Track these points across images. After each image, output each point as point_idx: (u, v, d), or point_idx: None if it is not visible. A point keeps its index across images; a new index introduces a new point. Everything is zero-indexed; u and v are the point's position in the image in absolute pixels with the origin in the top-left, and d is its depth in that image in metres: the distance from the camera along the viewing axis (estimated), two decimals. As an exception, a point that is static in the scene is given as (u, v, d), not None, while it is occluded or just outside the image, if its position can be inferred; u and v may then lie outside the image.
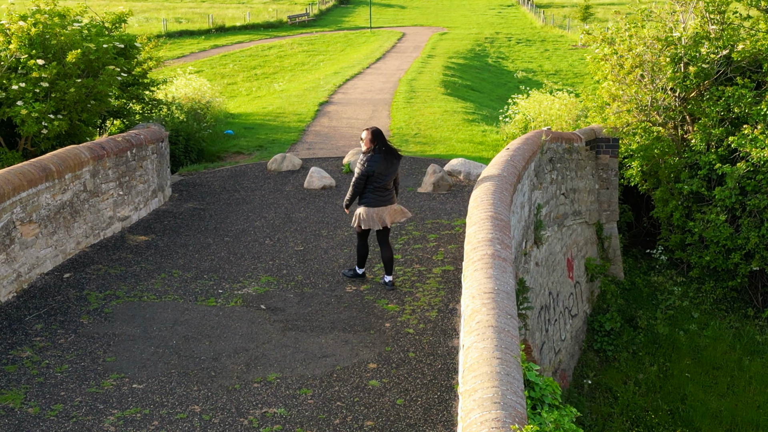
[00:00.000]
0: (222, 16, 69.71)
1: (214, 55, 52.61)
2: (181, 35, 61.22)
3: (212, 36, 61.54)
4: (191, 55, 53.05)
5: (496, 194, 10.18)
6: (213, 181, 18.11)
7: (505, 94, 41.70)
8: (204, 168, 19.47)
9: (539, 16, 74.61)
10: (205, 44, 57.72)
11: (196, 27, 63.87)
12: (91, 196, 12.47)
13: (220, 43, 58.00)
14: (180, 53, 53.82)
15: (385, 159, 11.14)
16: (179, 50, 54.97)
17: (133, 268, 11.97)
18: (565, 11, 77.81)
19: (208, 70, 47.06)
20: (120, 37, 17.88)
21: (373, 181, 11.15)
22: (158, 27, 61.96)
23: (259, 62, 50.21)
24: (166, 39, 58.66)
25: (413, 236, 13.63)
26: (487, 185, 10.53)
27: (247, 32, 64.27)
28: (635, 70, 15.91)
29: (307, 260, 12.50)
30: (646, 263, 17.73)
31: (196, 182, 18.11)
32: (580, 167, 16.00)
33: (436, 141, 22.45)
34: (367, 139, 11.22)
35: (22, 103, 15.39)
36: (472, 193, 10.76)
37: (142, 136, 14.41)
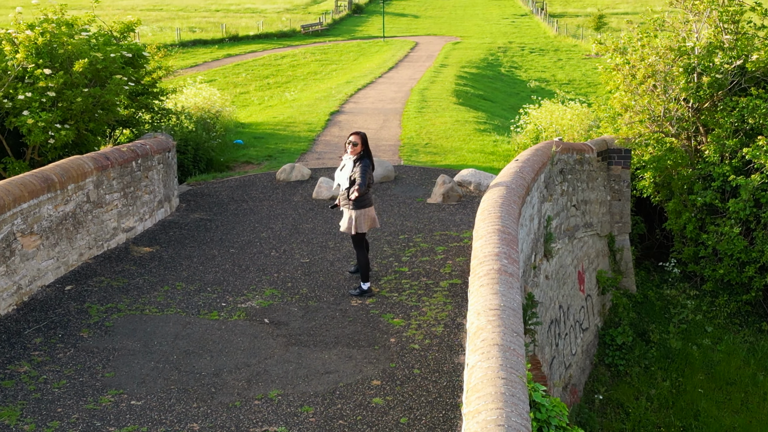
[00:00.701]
0: (235, 25, 69.74)
1: (227, 65, 52.56)
2: (194, 44, 61.26)
3: (225, 45, 61.57)
4: (204, 64, 53.02)
5: (503, 207, 9.94)
6: (221, 191, 17.94)
7: (517, 104, 41.45)
8: (212, 178, 19.30)
9: (553, 25, 74.33)
10: (218, 53, 57.71)
11: (210, 36, 63.91)
12: (94, 207, 12.30)
13: (233, 53, 58.00)
14: (193, 62, 53.82)
15: (371, 162, 11.56)
16: (192, 59, 54.97)
17: (135, 280, 11.78)
18: (578, 21, 77.51)
19: (220, 79, 47.00)
20: (128, 47, 17.75)
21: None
22: (172, 36, 62.03)
23: (271, 71, 50.13)
24: (179, 48, 58.77)
25: (421, 248, 13.40)
26: (494, 197, 10.30)
27: (261, 41, 64.24)
28: (648, 80, 15.64)
29: (312, 273, 12.28)
30: (659, 276, 17.42)
31: (204, 192, 17.93)
32: (591, 178, 15.73)
33: (446, 151, 22.22)
34: (360, 144, 11.39)
35: (28, 112, 15.26)
36: (479, 205, 10.52)
37: (148, 146, 14.24)
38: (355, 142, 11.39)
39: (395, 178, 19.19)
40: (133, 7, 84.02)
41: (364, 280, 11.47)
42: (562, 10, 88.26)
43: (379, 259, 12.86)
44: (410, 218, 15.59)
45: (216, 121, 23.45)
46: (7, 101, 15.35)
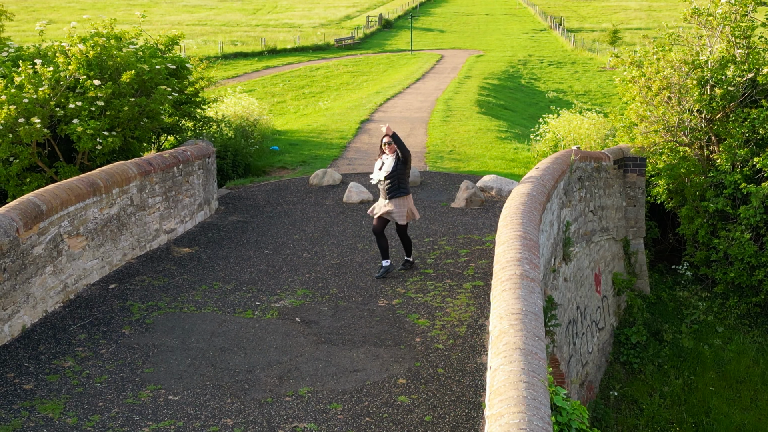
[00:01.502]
0: (274, 39, 69.74)
1: (266, 76, 52.55)
2: (236, 57, 61.34)
3: (264, 57, 61.60)
4: (244, 75, 53.05)
5: (525, 213, 9.64)
6: (258, 195, 17.75)
7: (536, 113, 40.99)
8: (250, 182, 19.12)
9: (570, 39, 73.69)
10: (257, 65, 57.74)
11: (250, 49, 63.97)
12: (137, 210, 12.13)
13: (272, 64, 58.01)
14: (234, 73, 53.85)
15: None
16: (234, 70, 55.02)
17: (175, 279, 11.59)
18: (594, 35, 76.81)
19: (259, 89, 46.96)
20: (172, 59, 17.61)
21: (405, 174, 12.00)
22: (215, 49, 62.15)
23: (307, 82, 50.03)
24: (222, 60, 58.87)
25: (445, 251, 13.11)
26: (516, 204, 9.99)
27: (297, 54, 64.21)
28: (663, 92, 15.24)
29: (342, 274, 12.03)
30: (672, 278, 16.99)
31: (242, 195, 17.75)
32: (608, 185, 15.37)
33: (469, 158, 21.91)
34: (393, 142, 11.87)
35: (78, 120, 15.16)
36: (502, 211, 10.22)
37: (189, 152, 14.06)
38: (389, 142, 11.84)
39: (421, 183, 18.91)
40: (179, 23, 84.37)
41: (386, 256, 11.98)
42: (578, 25, 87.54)
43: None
44: (435, 222, 15.31)
45: (254, 129, 23.28)
46: (60, 109, 15.26)
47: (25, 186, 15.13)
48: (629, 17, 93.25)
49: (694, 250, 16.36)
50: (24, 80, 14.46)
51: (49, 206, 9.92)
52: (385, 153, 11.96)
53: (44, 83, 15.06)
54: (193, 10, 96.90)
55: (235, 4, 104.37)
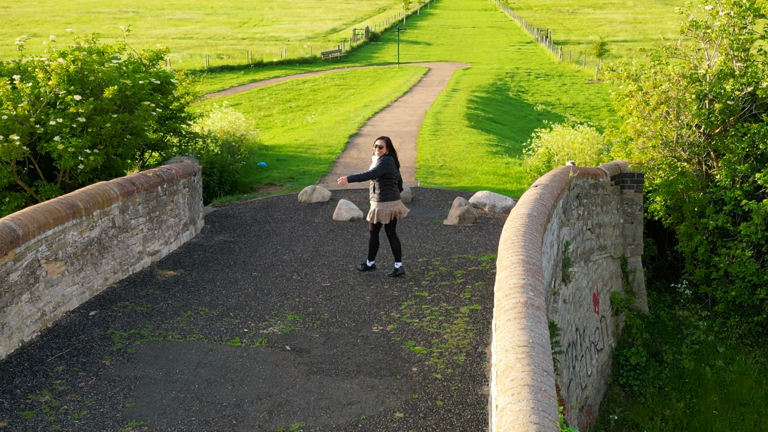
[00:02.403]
0: (260, 52, 69.31)
1: (252, 89, 52.08)
2: (222, 70, 60.87)
3: (251, 71, 61.12)
4: (231, 89, 52.55)
5: (527, 236, 9.18)
6: (245, 213, 17.25)
7: (525, 126, 40.69)
8: (237, 199, 18.62)
9: (557, 52, 73.59)
10: (244, 78, 57.25)
11: (236, 62, 63.48)
12: (120, 232, 11.61)
13: (258, 78, 57.54)
14: (221, 87, 53.36)
15: (395, 162, 12.40)
16: (220, 84, 54.52)
17: (159, 305, 11.06)
18: (581, 48, 76.75)
19: (246, 103, 46.47)
20: (156, 74, 17.12)
21: (387, 179, 12.25)
22: (201, 62, 61.67)
23: (293, 95, 49.59)
24: (208, 74, 58.36)
25: (440, 272, 12.63)
26: (516, 226, 9.54)
27: (283, 67, 63.76)
28: (661, 107, 14.84)
29: (333, 297, 11.54)
30: (671, 297, 16.55)
31: (229, 213, 17.25)
32: (605, 202, 14.95)
33: (461, 173, 21.48)
34: (384, 146, 12.33)
35: (59, 138, 14.65)
36: (501, 233, 9.75)
37: (173, 170, 13.56)
38: (381, 145, 12.36)
39: (412, 199, 18.46)
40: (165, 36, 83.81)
41: (371, 258, 12.71)
42: (565, 37, 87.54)
43: (399, 284, 12.11)
44: (428, 240, 14.85)
45: (240, 144, 22.78)
46: (40, 126, 14.75)
47: (4, 206, 14.60)
48: (615, 30, 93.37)
49: (693, 268, 15.93)
50: (2, 96, 13.95)
51: (26, 230, 9.40)
52: (374, 155, 12.50)
53: (23, 99, 14.56)
54: (178, 23, 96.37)
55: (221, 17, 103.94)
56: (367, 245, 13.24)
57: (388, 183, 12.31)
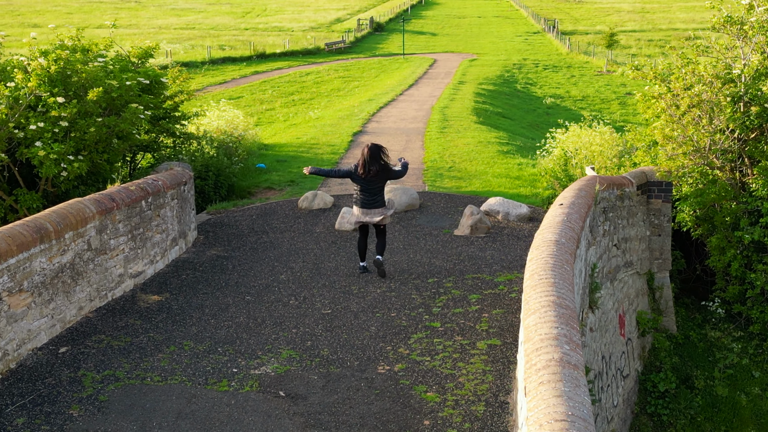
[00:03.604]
0: (263, 43, 67.96)
1: (254, 81, 50.83)
2: (224, 62, 59.59)
3: (253, 62, 59.87)
4: (232, 81, 51.32)
5: (556, 269, 7.94)
6: (241, 221, 16.03)
7: (535, 121, 39.39)
8: (233, 206, 17.38)
9: (565, 42, 72.09)
10: (246, 70, 55.99)
11: (239, 54, 62.18)
12: (96, 255, 10.38)
13: (261, 69, 56.30)
14: (222, 79, 52.16)
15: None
16: (221, 76, 53.31)
17: (139, 338, 9.83)
18: (589, 38, 75.25)
19: (247, 96, 45.27)
20: (146, 73, 15.86)
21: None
22: (203, 54, 60.38)
23: (296, 88, 48.34)
24: (209, 65, 57.16)
25: (453, 296, 11.39)
26: (544, 257, 8.29)
27: (287, 59, 62.46)
28: (692, 110, 13.56)
29: (334, 327, 10.30)
30: (701, 315, 15.29)
31: (224, 222, 16.03)
32: (631, 214, 13.69)
33: (471, 175, 20.22)
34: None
35: (40, 143, 13.45)
36: (526, 265, 8.49)
37: (160, 182, 12.32)
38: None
39: (420, 206, 17.23)
40: (167, 26, 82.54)
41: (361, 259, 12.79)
42: (572, 27, 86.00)
43: (407, 310, 10.87)
44: (438, 255, 13.63)
45: (238, 145, 21.51)
46: (19, 131, 13.55)
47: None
48: (623, 19, 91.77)
49: (725, 285, 14.64)
50: (-24, 99, 12.76)
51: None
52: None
53: (1, 102, 13.35)
54: (180, 13, 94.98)
55: (224, 7, 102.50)
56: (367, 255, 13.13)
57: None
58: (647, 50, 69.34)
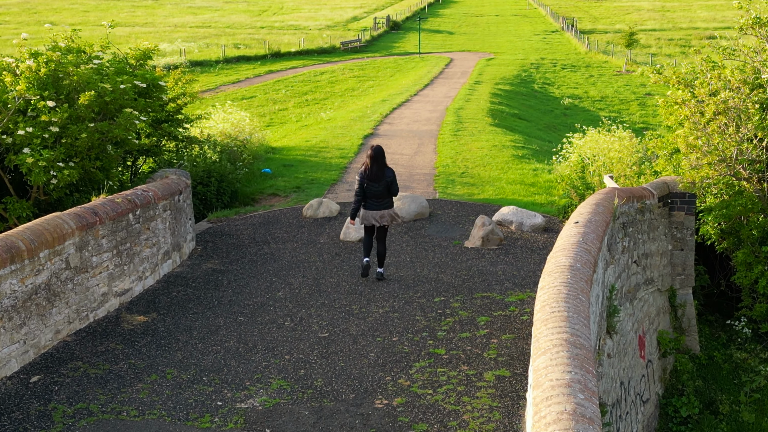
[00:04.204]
0: (278, 42, 67.25)
1: (268, 81, 50.12)
2: (238, 60, 58.91)
3: (268, 61, 59.14)
4: (246, 81, 50.63)
5: (570, 300, 7.13)
6: (242, 230, 15.30)
7: (552, 122, 38.44)
8: (235, 213, 16.65)
9: (583, 41, 70.95)
10: (260, 69, 55.29)
11: (253, 53, 61.46)
12: (76, 273, 9.66)
13: (275, 68, 55.58)
14: (236, 78, 51.50)
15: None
16: (235, 75, 52.65)
17: (119, 365, 9.09)
18: (608, 37, 74.04)
19: (261, 96, 44.57)
20: (143, 76, 15.14)
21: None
22: (217, 53, 59.74)
23: (310, 87, 47.59)
24: (223, 64, 56.51)
25: (460, 318, 10.58)
26: (557, 285, 7.48)
27: (301, 58, 61.71)
28: (718, 118, 12.69)
29: (331, 354, 9.53)
30: (726, 334, 14.41)
31: (225, 231, 15.31)
32: (652, 228, 12.84)
33: (484, 182, 19.38)
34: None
35: (28, 150, 12.78)
36: (537, 293, 7.68)
37: (150, 192, 11.59)
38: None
39: (430, 215, 16.43)
40: (183, 24, 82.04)
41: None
42: (591, 26, 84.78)
43: (410, 334, 10.08)
44: (446, 269, 12.83)
45: (243, 150, 20.77)
46: (7, 137, 12.90)
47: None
48: (643, 18, 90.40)
49: (752, 302, 13.74)
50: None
51: (-59, 286, 7.48)
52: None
53: (-12, 105, 12.73)
54: (197, 11, 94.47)
55: (241, 5, 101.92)
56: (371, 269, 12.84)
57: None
58: (667, 50, 68.12)
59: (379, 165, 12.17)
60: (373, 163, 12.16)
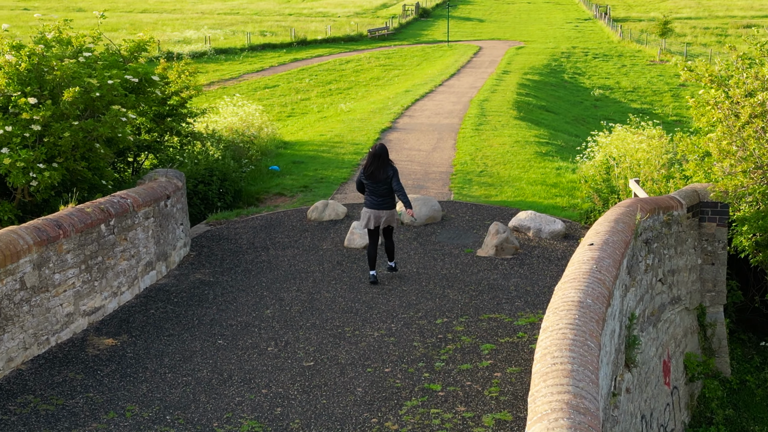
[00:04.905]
0: (305, 29, 66.13)
1: (293, 69, 49.08)
2: (263, 48, 57.89)
3: (293, 49, 58.08)
4: (270, 69, 49.64)
5: (576, 348, 6.02)
6: (242, 234, 14.34)
7: (581, 114, 37.02)
8: (236, 215, 15.66)
9: (616, 30, 69.06)
10: (285, 57, 54.26)
11: (279, 40, 60.40)
12: (34, 294, 8.70)
13: (300, 57, 54.50)
14: (260, 66, 50.52)
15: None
16: (260, 63, 51.65)
17: (75, 399, 8.12)
18: (642, 25, 72.07)
19: (284, 85, 43.59)
20: (135, 70, 14.17)
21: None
22: (243, 40, 58.75)
23: (335, 77, 46.49)
24: (248, 52, 55.58)
25: (462, 346, 9.49)
26: (561, 327, 6.37)
27: (328, 46, 60.56)
28: (755, 121, 11.44)
29: (313, 388, 8.49)
30: (760, 357, 13.20)
31: (223, 235, 14.34)
32: (680, 241, 11.64)
33: (503, 182, 18.21)
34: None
35: (7, 150, 11.89)
36: (539, 337, 6.57)
37: (129, 200, 10.61)
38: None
39: (442, 218, 15.35)
40: (211, 11, 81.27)
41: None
42: (625, 14, 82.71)
43: (405, 364, 9.01)
44: (454, 283, 11.76)
45: (251, 146, 19.75)
46: (-16, 136, 12.02)
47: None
48: (678, 6, 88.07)
49: (789, 322, 12.51)
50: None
51: None
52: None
53: (-35, 103, 11.86)
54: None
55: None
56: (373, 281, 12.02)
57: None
58: (703, 38, 66.11)
59: (378, 164, 11.60)
60: (373, 160, 11.64)
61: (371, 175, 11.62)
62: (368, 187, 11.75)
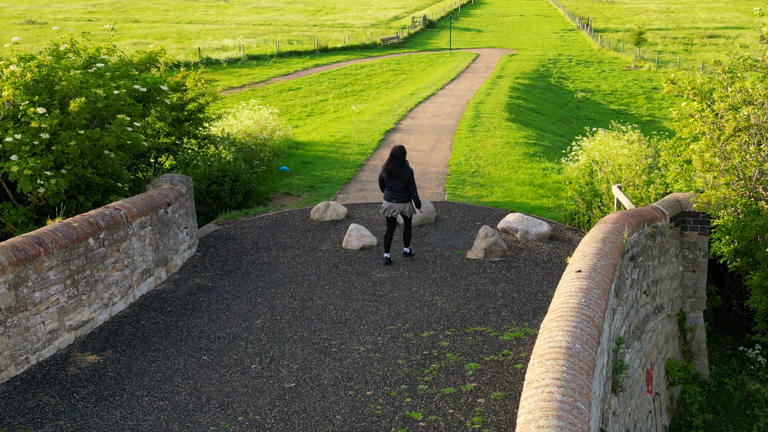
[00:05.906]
0: (327, 38, 64.26)
1: (314, 73, 47.34)
2: (290, 55, 56.12)
3: (316, 56, 56.29)
4: (295, 73, 47.91)
5: (563, 413, 4.45)
6: (247, 234, 12.82)
7: (565, 115, 35.15)
8: (244, 215, 14.12)
9: (597, 39, 66.71)
10: (308, 63, 52.49)
11: (304, 48, 58.61)
12: (10, 314, 7.20)
13: (322, 62, 52.70)
14: (286, 71, 48.81)
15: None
16: (286, 68, 49.93)
17: (44, 429, 6.62)
18: (619, 35, 69.64)
19: (305, 87, 41.91)
20: (143, 80, 12.58)
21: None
22: (272, 48, 56.98)
23: (351, 80, 44.72)
24: (277, 58, 53.93)
25: (447, 364, 7.92)
26: (547, 384, 4.78)
27: (346, 53, 58.70)
28: (740, 135, 9.77)
29: (292, 414, 6.95)
30: (737, 360, 11.59)
31: (230, 235, 12.82)
32: (663, 251, 10.02)
33: (494, 182, 16.56)
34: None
35: (16, 157, 10.39)
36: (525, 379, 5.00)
37: (123, 211, 9.07)
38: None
39: (436, 219, 13.76)
40: (247, 23, 79.33)
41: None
42: (604, 25, 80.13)
43: (387, 386, 7.45)
44: (444, 288, 10.20)
45: (262, 148, 18.14)
46: (0, 143, 10.53)
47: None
48: (650, 18, 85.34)
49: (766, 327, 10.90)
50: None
51: None
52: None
53: (-25, 112, 10.34)
54: (261, 11, 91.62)
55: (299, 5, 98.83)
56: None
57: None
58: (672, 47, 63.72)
59: (396, 163, 11.27)
60: (392, 160, 11.34)
61: (390, 172, 11.30)
62: (387, 182, 11.40)
